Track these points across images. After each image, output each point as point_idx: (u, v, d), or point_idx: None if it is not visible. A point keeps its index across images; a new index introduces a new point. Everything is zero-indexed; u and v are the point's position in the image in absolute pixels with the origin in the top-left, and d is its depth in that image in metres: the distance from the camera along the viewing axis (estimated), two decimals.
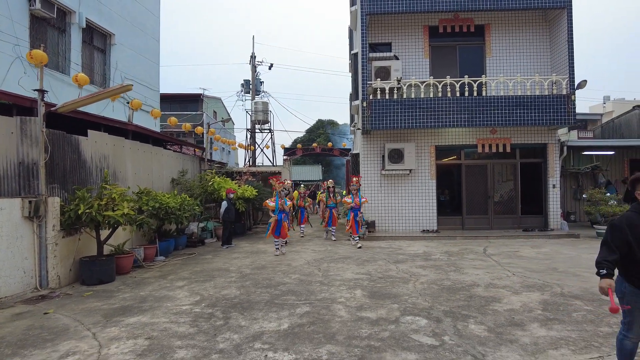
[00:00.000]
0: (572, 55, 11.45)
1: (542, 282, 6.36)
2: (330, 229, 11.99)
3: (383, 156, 12.33)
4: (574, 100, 11.35)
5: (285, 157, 22.55)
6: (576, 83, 11.52)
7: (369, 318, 4.79)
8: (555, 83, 11.70)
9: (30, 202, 6.29)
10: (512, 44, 12.66)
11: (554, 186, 12.35)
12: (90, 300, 5.83)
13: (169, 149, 13.18)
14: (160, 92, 26.61)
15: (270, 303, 5.49)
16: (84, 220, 6.61)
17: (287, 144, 33.98)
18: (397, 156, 12.11)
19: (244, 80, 24.17)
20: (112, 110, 9.84)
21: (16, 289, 6.12)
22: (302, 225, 13.42)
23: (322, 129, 46.80)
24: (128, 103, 10.24)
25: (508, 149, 12.34)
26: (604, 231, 10.74)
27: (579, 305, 5.13)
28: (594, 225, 11.56)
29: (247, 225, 14.80)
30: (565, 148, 12.39)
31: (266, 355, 3.76)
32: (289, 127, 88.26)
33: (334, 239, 11.74)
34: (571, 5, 11.51)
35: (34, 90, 6.61)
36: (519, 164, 12.67)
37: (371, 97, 11.60)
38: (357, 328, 4.45)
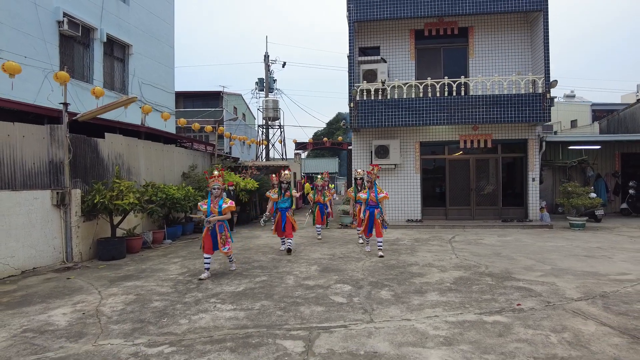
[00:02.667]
0: (548, 56, 12.14)
1: (474, 264, 7.44)
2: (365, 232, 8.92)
3: (371, 152, 13.47)
4: (549, 98, 12.07)
5: (296, 151, 23.89)
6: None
7: (307, 285, 6.09)
8: (532, 82, 12.44)
9: (57, 193, 7.91)
10: (495, 45, 13.42)
11: (533, 179, 13.12)
12: (103, 271, 7.39)
13: (184, 146, 14.82)
14: (183, 90, 28.43)
15: (238, 274, 6.87)
16: (99, 208, 8.20)
17: (301, 139, 35.28)
18: (383, 152, 13.22)
19: (258, 78, 25.61)
20: (125, 115, 11.44)
21: (48, 261, 7.77)
22: (318, 226, 10.79)
23: (340, 122, 47.83)
24: (141, 107, 11.82)
25: (489, 145, 13.19)
26: (576, 222, 11.61)
27: (485, 281, 6.23)
28: (568, 217, 12.30)
29: (251, 214, 16.28)
30: (544, 143, 13.13)
31: (215, 306, 5.14)
32: (305, 122, 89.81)
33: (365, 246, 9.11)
34: (547, 8, 12.18)
35: (60, 103, 8.19)
36: (501, 158, 13.50)
37: (357, 97, 12.73)
38: (293, 291, 5.76)
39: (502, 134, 13.20)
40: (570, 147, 15.10)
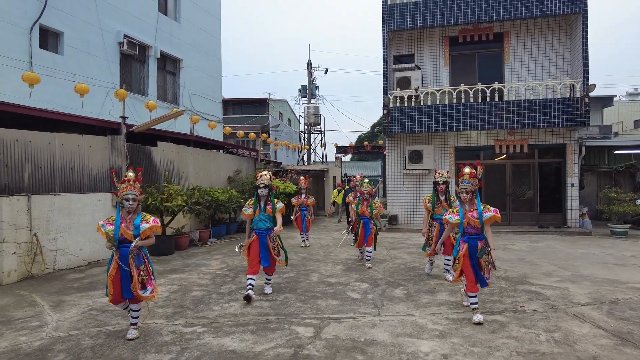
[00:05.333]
0: (587, 59, 11.92)
1: None
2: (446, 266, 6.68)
3: (405, 157, 13.80)
4: (588, 102, 11.84)
5: (337, 155, 24.54)
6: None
7: (329, 282, 6.68)
8: (569, 86, 12.24)
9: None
10: (532, 49, 13.31)
11: (572, 185, 12.86)
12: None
13: (230, 152, 15.93)
14: (231, 97, 30.05)
15: None
16: (151, 209, 9.27)
17: (343, 143, 35.85)
18: (416, 157, 13.52)
19: (301, 85, 26.57)
20: (175, 126, 12.65)
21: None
22: (368, 249, 7.83)
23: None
24: (190, 117, 13.00)
25: (526, 150, 13.10)
26: (617, 229, 11.42)
27: (498, 284, 6.50)
28: (608, 224, 11.96)
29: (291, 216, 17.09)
30: (584, 148, 12.83)
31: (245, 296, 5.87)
32: (348, 126, 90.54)
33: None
34: (586, 10, 11.96)
35: (119, 117, 9.37)
36: (538, 163, 13.35)
37: (391, 104, 13.14)
38: (315, 287, 6.38)
39: (539, 139, 13.06)
40: (617, 152, 14.56)
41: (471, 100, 12.65)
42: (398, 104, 13.22)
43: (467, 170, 4.94)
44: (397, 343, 4.17)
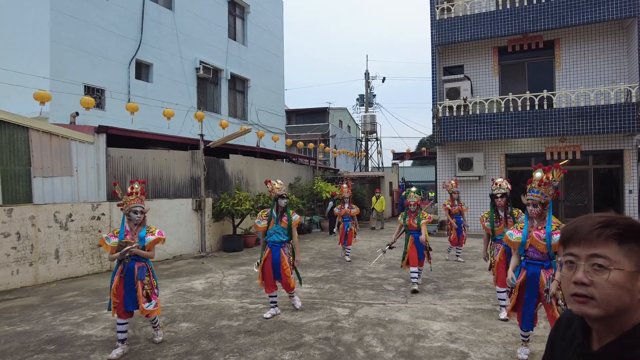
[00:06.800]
0: None
1: None
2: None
3: (455, 164, 14.36)
4: None
5: (394, 161, 25.26)
6: None
7: (370, 277, 7.73)
8: (624, 91, 12.12)
9: (196, 200, 10.83)
10: (584, 55, 13.27)
11: (630, 192, 12.63)
12: (225, 259, 9.99)
13: (292, 161, 17.49)
14: (294, 108, 31.94)
15: (321, 266, 8.80)
16: (224, 212, 10.93)
17: (400, 148, 36.28)
18: (466, 164, 14.03)
19: (358, 95, 27.69)
20: (244, 140, 14.38)
21: (189, 251, 10.69)
22: (413, 269, 6.63)
23: None
24: (257, 132, 14.69)
25: (578, 156, 13.08)
26: None
27: None
28: None
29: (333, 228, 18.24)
30: None
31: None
32: (407, 132, 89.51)
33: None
34: None
35: (198, 134, 11.15)
36: (592, 169, 13.24)
37: (440, 114, 13.82)
38: (357, 280, 7.47)
39: (592, 145, 12.98)
40: None
41: (520, 108, 12.95)
42: (447, 114, 13.85)
43: (537, 175, 3.81)
44: (414, 323, 5.15)
